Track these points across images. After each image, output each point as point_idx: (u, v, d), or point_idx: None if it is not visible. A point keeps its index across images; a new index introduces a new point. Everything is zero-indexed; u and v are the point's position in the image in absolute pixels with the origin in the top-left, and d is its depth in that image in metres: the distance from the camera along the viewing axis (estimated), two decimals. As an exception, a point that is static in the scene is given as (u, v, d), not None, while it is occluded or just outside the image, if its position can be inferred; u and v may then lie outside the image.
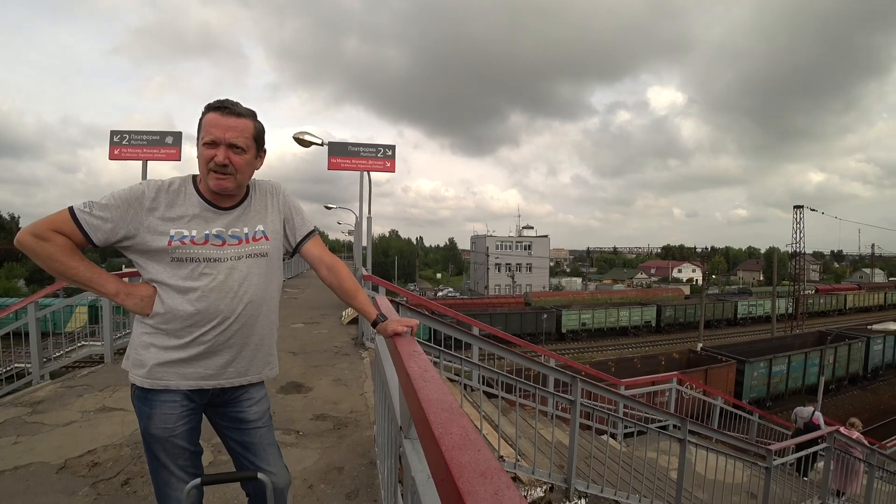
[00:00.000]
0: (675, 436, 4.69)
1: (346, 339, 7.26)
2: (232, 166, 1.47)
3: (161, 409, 1.52)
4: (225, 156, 1.45)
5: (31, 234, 1.39)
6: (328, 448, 3.36)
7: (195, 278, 1.49)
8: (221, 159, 1.45)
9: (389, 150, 7.19)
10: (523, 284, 55.47)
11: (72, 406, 4.20)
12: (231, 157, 1.46)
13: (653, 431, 4.61)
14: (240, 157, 1.48)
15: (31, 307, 5.35)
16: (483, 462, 0.63)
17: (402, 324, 1.62)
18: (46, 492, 2.78)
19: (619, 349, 31.54)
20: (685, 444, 4.57)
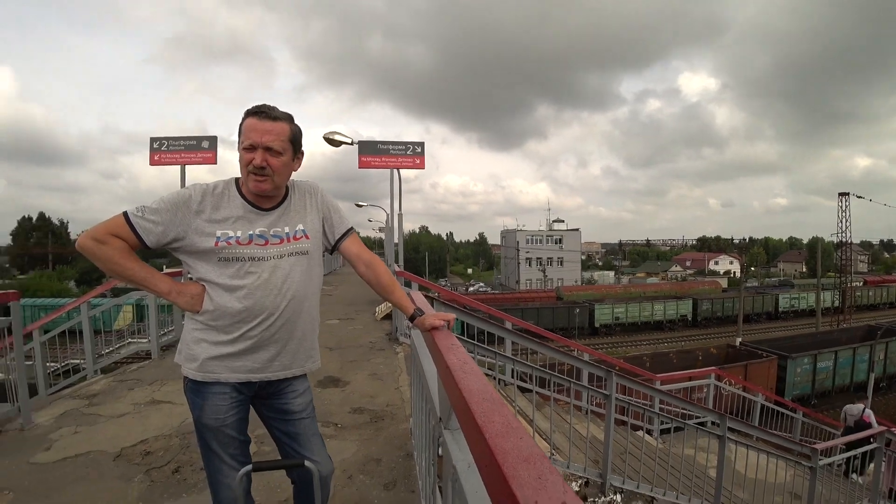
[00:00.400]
0: (714, 432, 4.59)
1: (381, 334, 7.38)
2: (269, 168, 1.53)
3: (212, 401, 1.60)
4: (262, 159, 1.51)
5: (91, 239, 1.50)
6: (366, 440, 3.46)
7: (241, 277, 1.56)
8: (259, 162, 1.51)
9: (419, 146, 7.24)
10: (555, 279, 54.88)
11: (124, 399, 4.44)
12: (268, 160, 1.52)
13: (690, 428, 4.53)
14: (276, 160, 1.54)
15: (83, 307, 5.66)
16: (525, 449, 0.66)
17: (439, 318, 1.65)
18: (106, 477, 2.97)
19: (653, 344, 30.84)
20: (724, 440, 4.47)
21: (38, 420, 3.87)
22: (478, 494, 0.95)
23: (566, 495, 0.60)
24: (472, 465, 1.00)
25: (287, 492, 2.63)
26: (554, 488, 0.60)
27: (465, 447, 1.08)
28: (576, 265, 60.40)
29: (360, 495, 2.72)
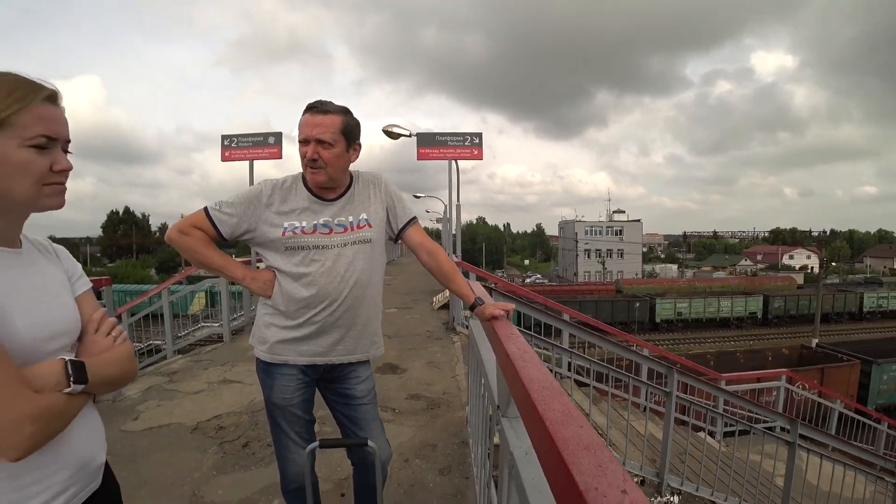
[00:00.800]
0: (784, 438, 4.33)
1: (438, 323, 7.51)
2: (321, 160, 1.59)
3: (281, 381, 1.71)
4: (314, 151, 1.58)
5: (176, 231, 1.65)
6: (422, 426, 3.56)
7: (306, 264, 1.65)
8: (310, 154, 1.59)
9: (476, 137, 7.23)
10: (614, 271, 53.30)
11: (199, 377, 4.80)
12: (320, 152, 1.59)
13: (757, 431, 4.30)
14: (328, 152, 1.59)
15: (164, 293, 6.17)
16: (586, 437, 0.66)
17: (499, 307, 1.67)
18: (184, 448, 3.24)
19: (719, 342, 29.31)
20: (795, 448, 4.20)
21: (127, 393, 4.26)
22: (534, 481, 0.97)
23: (626, 483, 0.60)
24: (530, 453, 1.01)
25: (346, 472, 2.76)
26: (614, 476, 0.61)
27: (523, 435, 1.10)
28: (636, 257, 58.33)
29: (415, 478, 2.81)
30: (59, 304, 0.94)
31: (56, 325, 0.90)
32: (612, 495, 0.57)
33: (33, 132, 0.82)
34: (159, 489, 2.70)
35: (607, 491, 0.58)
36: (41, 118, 0.83)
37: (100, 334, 0.98)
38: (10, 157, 0.81)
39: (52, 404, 0.80)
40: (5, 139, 0.81)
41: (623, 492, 0.59)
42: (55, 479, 0.85)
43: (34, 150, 0.83)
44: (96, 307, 1.03)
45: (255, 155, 7.01)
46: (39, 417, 0.77)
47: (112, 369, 0.95)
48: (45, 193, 0.86)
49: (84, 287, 1.03)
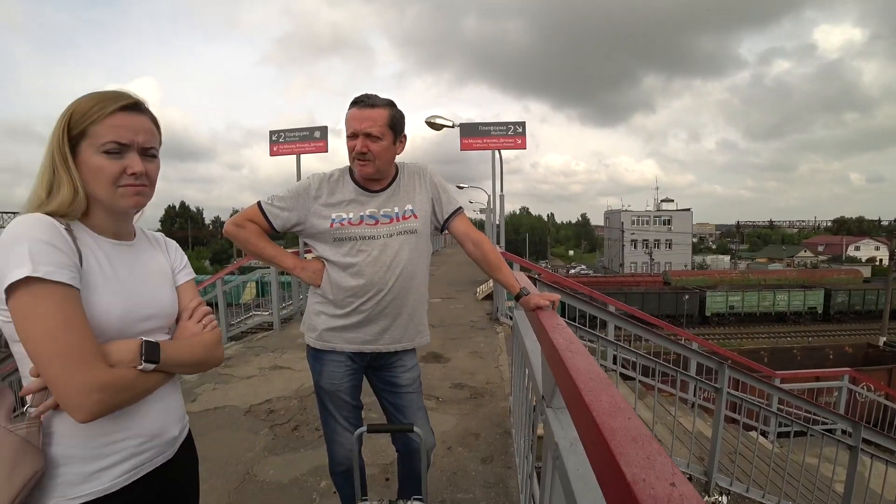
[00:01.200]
0: (845, 441, 4.09)
1: (481, 314, 7.53)
2: (370, 153, 1.64)
3: (329, 367, 1.78)
4: (363, 144, 1.62)
5: (232, 224, 1.76)
6: (465, 415, 3.60)
7: (353, 255, 1.70)
8: (360, 148, 1.63)
9: (520, 126, 7.14)
10: (662, 262, 51.59)
11: (251, 363, 5.03)
12: (368, 146, 1.63)
13: (815, 433, 4.08)
14: (376, 145, 1.63)
15: (218, 283, 6.49)
16: (634, 428, 0.66)
17: (545, 298, 1.67)
18: (238, 429, 3.43)
19: (774, 338, 27.91)
20: (857, 452, 3.97)
21: (186, 377, 4.53)
22: (579, 472, 0.97)
23: (675, 476, 0.60)
24: (575, 444, 1.02)
25: (391, 457, 2.84)
26: (663, 468, 0.60)
27: (568, 425, 1.10)
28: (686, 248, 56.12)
29: (458, 466, 2.85)
30: (156, 290, 1.05)
31: (148, 308, 1.01)
32: (660, 487, 0.56)
33: (105, 139, 0.93)
34: (216, 466, 2.87)
35: (655, 483, 0.57)
36: (114, 127, 0.93)
37: (192, 321, 1.09)
38: (89, 163, 0.93)
39: (121, 378, 0.90)
40: (85, 147, 0.93)
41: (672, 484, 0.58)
42: (127, 444, 0.96)
43: (107, 156, 0.93)
44: (194, 296, 1.14)
45: (302, 149, 7.21)
46: (107, 387, 0.86)
47: (191, 354, 1.04)
48: (120, 194, 0.96)
49: (186, 277, 1.15)
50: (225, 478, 2.75)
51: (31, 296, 0.83)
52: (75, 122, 0.93)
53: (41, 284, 0.83)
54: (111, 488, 0.94)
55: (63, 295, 0.85)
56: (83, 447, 0.91)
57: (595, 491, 0.88)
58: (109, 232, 1.01)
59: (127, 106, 0.96)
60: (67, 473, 0.90)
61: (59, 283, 0.85)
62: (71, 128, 0.93)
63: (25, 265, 0.83)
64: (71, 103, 0.95)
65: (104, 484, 0.93)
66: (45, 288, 0.83)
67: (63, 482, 0.90)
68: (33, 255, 0.84)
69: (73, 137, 0.93)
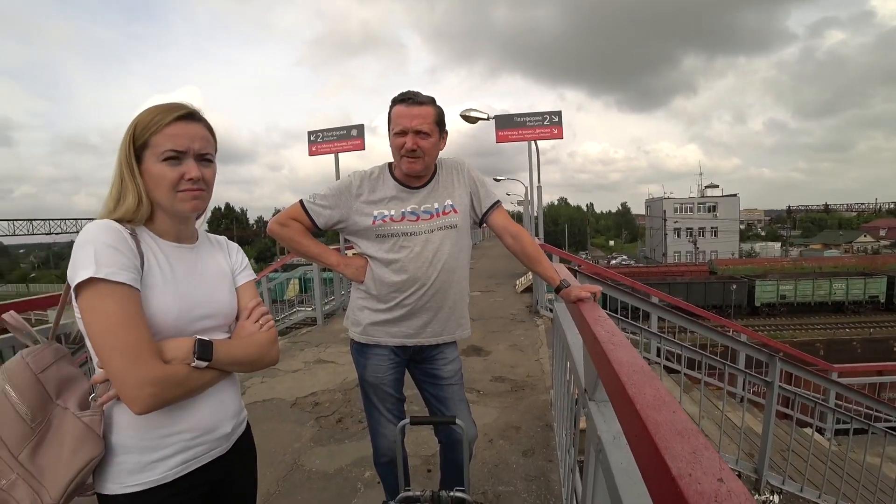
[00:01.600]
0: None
1: (521, 306, 7.49)
2: (420, 150, 1.66)
3: (373, 361, 1.83)
4: (413, 142, 1.65)
5: (276, 223, 1.81)
6: (506, 408, 3.61)
7: (396, 251, 1.74)
8: (411, 145, 1.65)
9: (556, 116, 7.00)
10: (707, 251, 49.56)
11: (297, 357, 5.20)
12: (419, 143, 1.65)
13: (877, 431, 3.87)
14: (426, 142, 1.66)
15: (263, 280, 6.72)
16: (679, 422, 0.65)
17: (586, 289, 1.66)
18: (285, 420, 3.56)
19: (830, 329, 26.37)
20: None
21: (235, 370, 4.73)
22: (623, 466, 0.97)
23: (723, 472, 0.59)
24: (619, 438, 1.01)
25: (432, 449, 2.89)
26: (710, 463, 0.59)
27: (611, 419, 1.10)
28: (733, 236, 53.63)
29: (499, 458, 2.87)
30: (214, 290, 1.11)
31: (205, 308, 1.07)
32: (706, 483, 0.55)
33: (164, 148, 1.00)
34: (265, 456, 2.99)
35: (702, 478, 0.56)
36: (171, 136, 1.00)
37: (249, 321, 1.14)
38: (151, 171, 1.01)
39: (174, 373, 0.95)
40: (148, 156, 1.01)
41: (719, 480, 0.57)
42: (180, 438, 1.02)
43: (166, 163, 1.00)
44: (253, 296, 1.20)
45: (340, 148, 7.32)
46: (160, 382, 0.92)
47: (245, 353, 1.10)
48: (179, 199, 1.03)
49: (246, 279, 1.22)
50: (273, 467, 2.87)
51: (95, 294, 0.91)
52: (139, 135, 1.00)
53: (104, 284, 0.91)
54: (163, 479, 1.00)
55: (123, 294, 0.92)
56: (140, 438, 0.98)
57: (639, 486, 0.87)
58: (171, 235, 1.07)
59: (182, 116, 1.03)
60: (126, 462, 0.97)
61: (120, 283, 0.92)
62: (135, 139, 1.00)
63: (90, 266, 0.90)
64: (135, 117, 1.03)
65: (158, 475, 0.99)
66: (107, 287, 0.91)
67: (122, 469, 0.97)
68: (98, 257, 0.91)
69: (138, 148, 1.01)
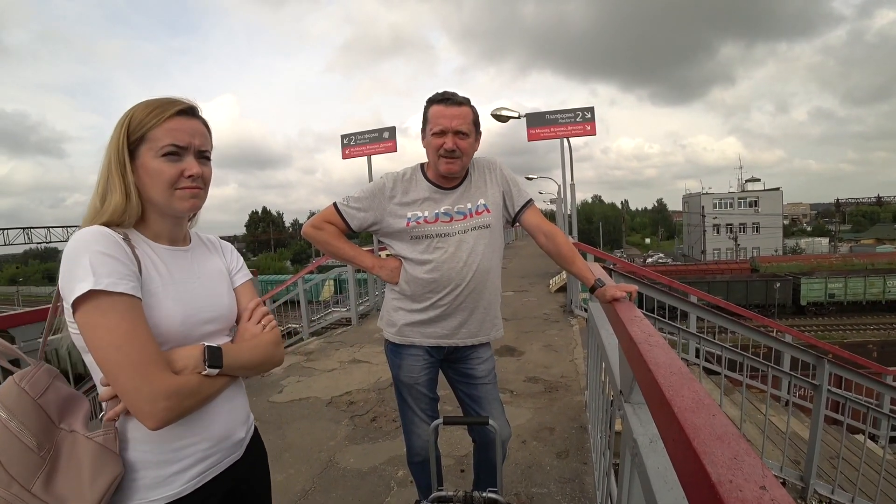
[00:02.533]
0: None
1: (555, 306, 7.43)
2: (459, 150, 1.67)
3: (408, 361, 1.84)
4: (453, 142, 1.65)
5: (311, 226, 1.85)
6: (540, 409, 3.58)
7: (430, 252, 1.75)
8: (451, 146, 1.65)
9: (588, 112, 6.88)
10: (749, 248, 47.67)
11: (332, 357, 5.30)
12: (458, 143, 1.66)
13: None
14: (464, 142, 1.67)
15: (299, 281, 6.88)
16: (719, 426, 0.64)
17: (621, 289, 1.63)
18: (321, 418, 3.63)
19: (884, 329, 24.96)
20: None
21: (273, 370, 4.86)
22: (659, 470, 0.94)
23: (766, 479, 0.57)
24: (656, 441, 0.99)
25: (466, 449, 2.89)
26: (752, 470, 0.57)
27: (647, 422, 1.07)
28: (776, 231, 51.29)
29: (533, 460, 2.84)
30: (215, 293, 1.07)
31: (208, 311, 1.03)
32: (748, 490, 0.54)
33: (164, 142, 0.95)
34: (301, 453, 3.07)
35: (743, 485, 0.55)
36: (171, 130, 0.96)
37: (251, 322, 1.10)
38: (148, 166, 0.96)
39: (186, 384, 0.91)
40: (144, 151, 0.96)
41: (762, 488, 0.55)
42: (197, 448, 0.99)
43: (165, 159, 0.96)
44: (252, 297, 1.15)
45: (373, 150, 7.40)
46: (173, 394, 0.88)
47: (252, 355, 1.06)
48: (177, 197, 0.98)
49: (243, 279, 1.17)
50: (309, 464, 2.93)
51: (96, 308, 0.86)
52: (134, 128, 0.95)
53: (104, 296, 0.85)
54: (184, 491, 0.97)
55: (126, 305, 0.87)
56: (156, 452, 0.95)
57: (677, 491, 0.85)
58: (165, 238, 1.03)
59: (183, 110, 0.99)
60: (144, 477, 0.94)
61: (122, 293, 0.87)
62: (130, 133, 0.95)
63: (88, 279, 0.85)
64: (128, 110, 0.98)
65: (177, 487, 0.97)
66: (108, 300, 0.86)
67: (140, 486, 0.94)
68: (94, 267, 0.86)
69: (133, 143, 0.96)
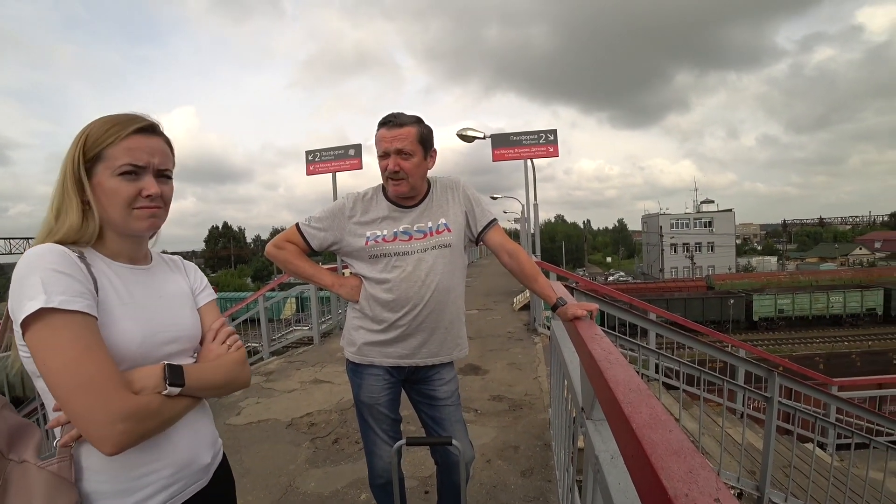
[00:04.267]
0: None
1: (519, 324, 7.48)
2: (403, 171, 1.67)
3: (368, 381, 1.81)
4: (395, 163, 1.66)
5: (272, 246, 1.83)
6: (504, 427, 3.56)
7: (388, 270, 1.73)
8: (392, 167, 1.66)
9: (551, 134, 7.10)
10: (704, 266, 49.78)
11: (293, 377, 5.14)
12: (400, 163, 1.65)
13: (879, 445, 3.83)
14: (408, 162, 1.66)
15: (260, 299, 6.68)
16: (675, 441, 0.65)
17: (582, 307, 1.65)
18: (280, 441, 3.50)
19: (829, 342, 26.37)
20: (929, 463, 3.71)
21: (231, 391, 4.67)
22: (621, 486, 0.95)
23: (720, 492, 0.58)
24: (616, 457, 1.00)
25: (430, 470, 2.84)
26: (706, 483, 0.59)
27: (608, 438, 1.08)
28: (729, 250, 53.85)
29: (497, 479, 2.82)
30: (176, 313, 1.03)
31: (169, 331, 0.99)
32: (703, 503, 0.55)
33: (121, 161, 0.92)
34: (260, 478, 2.94)
35: (698, 498, 0.56)
36: (129, 150, 0.93)
37: (216, 342, 1.07)
38: (104, 186, 0.93)
39: (146, 405, 0.86)
40: (101, 170, 0.93)
41: (716, 500, 0.56)
42: (159, 475, 0.93)
43: (122, 178, 0.93)
44: (217, 317, 1.12)
45: (338, 167, 7.37)
46: (132, 416, 0.83)
47: (216, 375, 1.02)
48: (135, 216, 0.95)
49: (207, 298, 1.14)
50: (268, 489, 2.81)
51: (48, 327, 0.81)
52: (91, 146, 0.92)
53: (57, 315, 0.81)
54: None
55: (80, 324, 0.82)
56: (115, 481, 0.89)
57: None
58: (125, 257, 1.00)
59: (143, 128, 0.96)
60: None
61: (75, 311, 0.82)
62: (86, 151, 0.92)
63: (39, 297, 0.80)
64: (85, 127, 0.95)
65: None
66: (61, 318, 0.81)
67: None
68: (46, 285, 0.81)
69: (89, 160, 0.92)
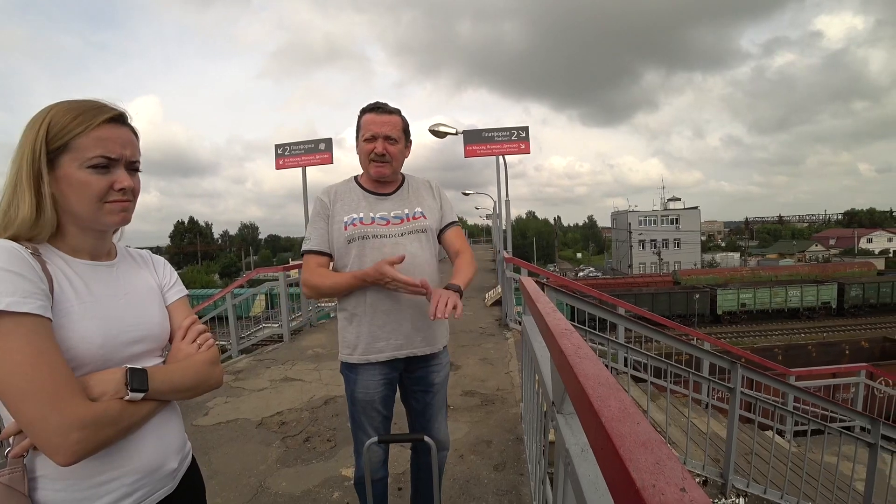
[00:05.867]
0: (864, 439, 4.03)
1: (491, 320, 7.52)
2: (388, 155, 1.74)
3: (364, 377, 1.80)
4: (383, 146, 1.72)
5: (308, 287, 1.76)
6: (477, 422, 3.58)
7: (366, 254, 1.74)
8: (380, 150, 1.72)
9: (523, 131, 7.18)
10: (671, 262, 51.30)
11: (262, 376, 5.04)
12: (387, 148, 1.73)
13: (833, 431, 4.02)
14: (394, 147, 1.75)
15: (228, 296, 6.52)
16: (643, 433, 0.66)
17: (445, 300, 1.54)
18: (250, 441, 3.43)
19: (787, 334, 27.49)
20: (877, 449, 3.91)
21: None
22: (591, 478, 0.97)
23: (685, 481, 0.59)
24: (586, 450, 1.01)
25: (402, 466, 2.84)
26: (672, 473, 0.60)
27: (578, 431, 1.10)
28: (695, 247, 55.66)
29: (470, 474, 2.84)
30: (142, 311, 0.98)
31: (134, 331, 0.94)
32: (670, 493, 0.56)
33: (92, 153, 0.87)
34: (229, 480, 2.87)
35: (665, 489, 0.57)
36: (100, 140, 0.88)
37: (185, 341, 1.01)
38: (72, 178, 0.86)
39: (103, 412, 0.81)
40: (67, 162, 0.86)
41: (682, 490, 0.57)
42: (121, 483, 0.88)
43: (92, 171, 0.87)
44: (187, 314, 1.06)
45: (308, 161, 7.27)
46: (89, 424, 0.78)
47: (184, 377, 0.96)
48: (106, 211, 0.90)
49: (177, 295, 1.08)
50: (238, 490, 2.75)
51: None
52: (55, 135, 0.85)
53: (6, 317, 0.76)
54: None
55: (31, 327, 0.77)
56: (72, 490, 0.84)
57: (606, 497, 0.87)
58: (86, 253, 0.93)
59: (113, 118, 0.90)
60: None
61: (27, 314, 0.77)
62: (49, 140, 0.85)
63: None
64: (42, 113, 0.87)
65: None
66: (10, 320, 0.76)
67: None
68: None
69: (53, 151, 0.86)
